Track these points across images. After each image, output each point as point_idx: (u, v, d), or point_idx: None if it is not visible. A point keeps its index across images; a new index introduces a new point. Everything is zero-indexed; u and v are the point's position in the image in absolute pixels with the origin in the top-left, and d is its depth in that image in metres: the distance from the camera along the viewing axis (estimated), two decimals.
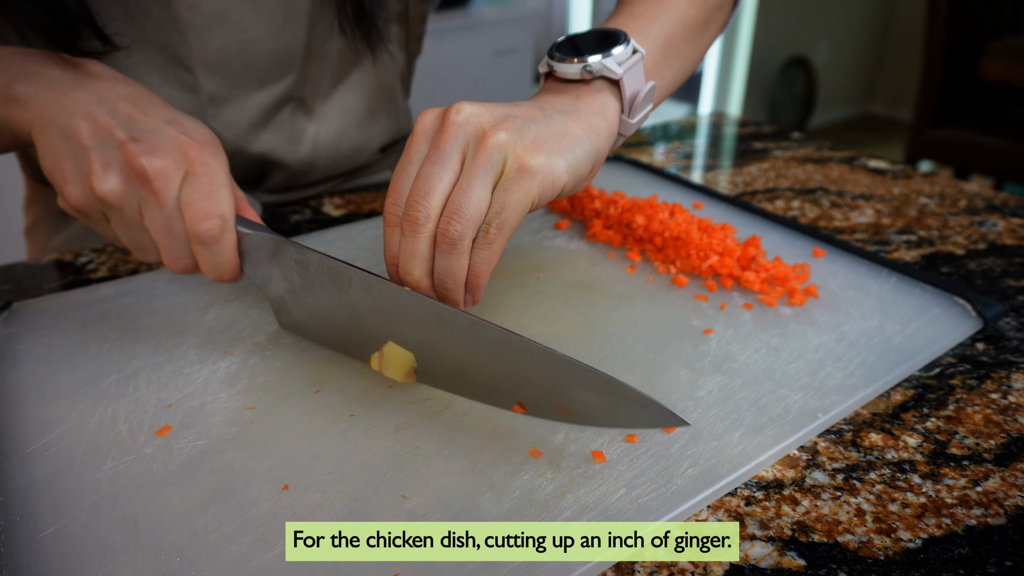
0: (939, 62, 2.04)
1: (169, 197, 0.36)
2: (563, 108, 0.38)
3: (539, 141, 0.35)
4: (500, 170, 0.34)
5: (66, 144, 0.36)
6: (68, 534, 0.29)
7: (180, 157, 0.36)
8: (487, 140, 0.34)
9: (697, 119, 0.92)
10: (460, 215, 0.33)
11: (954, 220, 0.61)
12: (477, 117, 0.35)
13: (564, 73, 0.40)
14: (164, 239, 0.37)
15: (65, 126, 0.37)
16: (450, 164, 0.34)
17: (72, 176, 0.36)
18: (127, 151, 0.36)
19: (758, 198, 0.66)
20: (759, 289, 0.47)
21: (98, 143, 0.36)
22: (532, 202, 0.35)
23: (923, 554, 0.30)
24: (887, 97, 3.76)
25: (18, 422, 0.36)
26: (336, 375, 0.39)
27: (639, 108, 0.41)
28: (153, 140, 0.36)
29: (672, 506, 0.31)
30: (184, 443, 0.35)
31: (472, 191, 0.34)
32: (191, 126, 0.39)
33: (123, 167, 0.36)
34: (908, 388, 0.40)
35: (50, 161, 0.37)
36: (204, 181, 0.36)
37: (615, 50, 0.40)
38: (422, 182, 0.34)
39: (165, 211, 0.36)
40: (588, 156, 0.37)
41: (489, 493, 0.32)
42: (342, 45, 0.60)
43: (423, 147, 0.36)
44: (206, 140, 0.38)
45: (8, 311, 0.45)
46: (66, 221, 0.65)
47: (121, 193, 0.36)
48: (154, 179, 0.35)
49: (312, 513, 0.31)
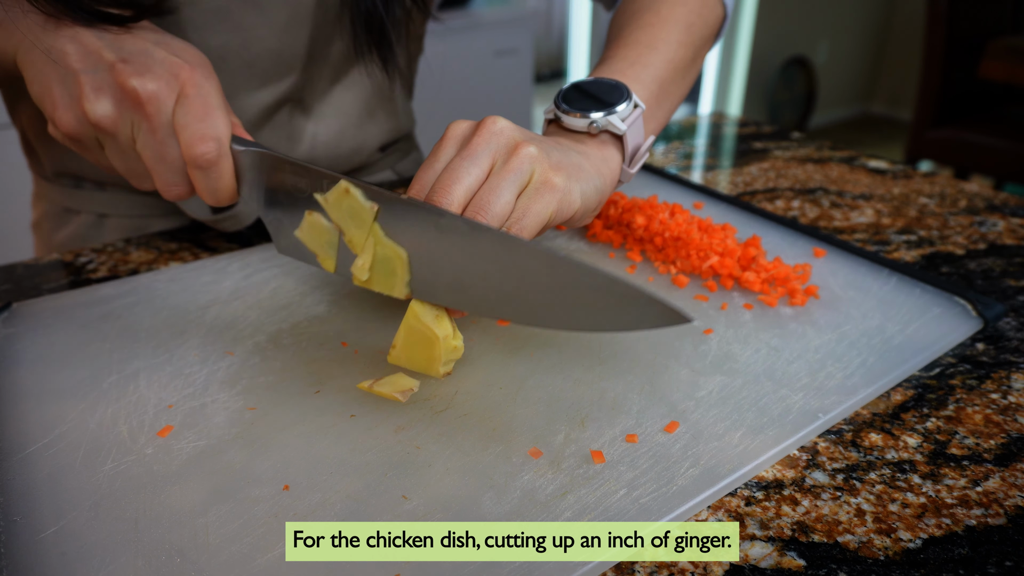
0: (939, 62, 2.04)
1: (162, 121, 0.35)
2: (574, 148, 0.41)
3: (561, 164, 0.38)
4: (527, 180, 0.36)
5: (54, 68, 0.35)
6: (68, 535, 0.29)
7: (171, 79, 0.35)
8: (519, 150, 0.36)
9: (697, 119, 0.92)
10: (485, 211, 0.34)
11: (954, 220, 0.61)
12: (510, 131, 0.37)
13: (570, 125, 0.43)
14: (157, 165, 0.36)
15: (52, 49, 0.36)
16: (480, 162, 0.35)
17: (62, 101, 0.35)
18: (117, 73, 0.35)
19: (758, 198, 0.66)
20: (759, 289, 0.47)
21: (87, 66, 0.35)
22: (550, 215, 0.36)
23: (923, 554, 0.30)
24: (887, 97, 3.77)
25: (18, 422, 0.36)
26: (337, 375, 0.39)
27: (638, 159, 0.44)
28: (143, 61, 0.35)
29: (673, 506, 0.31)
30: (184, 443, 0.35)
31: (501, 192, 0.35)
32: (180, 47, 0.38)
33: (114, 90, 0.35)
34: (908, 388, 0.40)
35: (38, 87, 0.36)
36: (197, 103, 0.35)
37: (619, 107, 0.42)
38: (450, 172, 0.35)
39: (158, 136, 0.35)
40: (597, 191, 0.40)
41: (490, 493, 0.32)
42: (342, 46, 0.60)
43: (451, 149, 0.37)
44: (196, 61, 0.37)
45: (8, 311, 0.45)
46: (69, 218, 0.65)
47: (114, 117, 0.35)
48: (146, 102, 0.34)
49: (313, 513, 0.31)
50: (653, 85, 0.47)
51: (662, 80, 0.48)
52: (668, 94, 0.49)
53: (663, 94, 0.48)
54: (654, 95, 0.47)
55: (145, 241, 0.58)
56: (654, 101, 0.47)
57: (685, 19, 0.50)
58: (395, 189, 0.69)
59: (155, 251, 0.56)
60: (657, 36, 0.49)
